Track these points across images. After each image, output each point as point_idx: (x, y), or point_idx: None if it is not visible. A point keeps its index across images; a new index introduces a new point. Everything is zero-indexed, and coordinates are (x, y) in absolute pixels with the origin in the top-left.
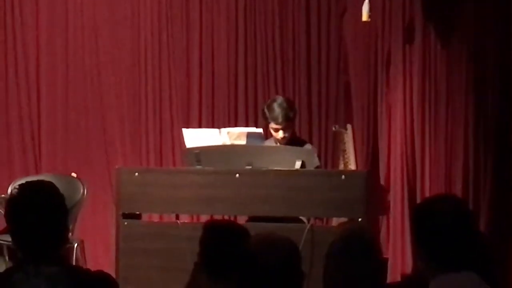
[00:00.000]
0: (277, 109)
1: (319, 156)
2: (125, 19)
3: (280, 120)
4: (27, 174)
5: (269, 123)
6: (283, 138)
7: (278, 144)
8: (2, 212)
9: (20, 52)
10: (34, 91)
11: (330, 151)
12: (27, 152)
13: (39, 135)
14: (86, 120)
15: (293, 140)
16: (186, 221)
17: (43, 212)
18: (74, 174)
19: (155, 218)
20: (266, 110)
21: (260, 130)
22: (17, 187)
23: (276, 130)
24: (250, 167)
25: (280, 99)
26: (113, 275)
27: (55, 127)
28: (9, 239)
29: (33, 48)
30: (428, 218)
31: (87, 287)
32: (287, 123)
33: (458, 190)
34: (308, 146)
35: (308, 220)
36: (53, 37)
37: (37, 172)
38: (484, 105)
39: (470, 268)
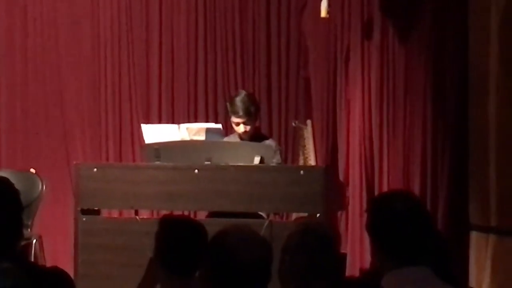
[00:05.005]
0: (238, 103)
1: (284, 155)
2: (85, 15)
3: (240, 113)
4: None
5: (231, 116)
6: (244, 132)
7: (241, 139)
8: None
9: None
10: None
11: (290, 146)
12: None
13: None
14: (45, 116)
15: (257, 136)
16: (145, 216)
17: None
18: (33, 170)
19: (115, 214)
20: (228, 104)
21: (219, 125)
22: None
23: (237, 124)
24: (209, 162)
25: (243, 93)
26: (72, 271)
27: (15, 123)
28: None
29: None
30: (383, 212)
31: (41, 283)
32: (248, 118)
33: (416, 186)
34: (270, 142)
35: (267, 215)
36: (12, 32)
37: None
38: (442, 102)
39: (424, 263)
